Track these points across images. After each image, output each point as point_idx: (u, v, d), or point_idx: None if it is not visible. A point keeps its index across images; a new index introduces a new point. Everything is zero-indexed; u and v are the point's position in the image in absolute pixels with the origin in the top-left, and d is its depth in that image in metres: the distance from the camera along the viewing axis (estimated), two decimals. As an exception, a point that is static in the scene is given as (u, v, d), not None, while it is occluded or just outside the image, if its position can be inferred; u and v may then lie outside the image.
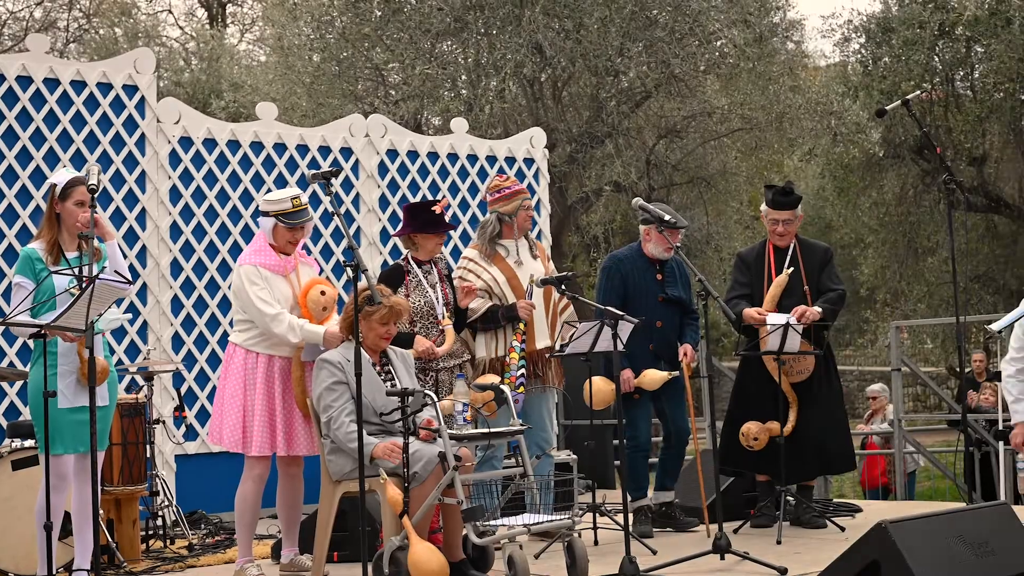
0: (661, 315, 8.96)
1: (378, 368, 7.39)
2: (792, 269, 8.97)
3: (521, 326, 8.65)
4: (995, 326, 7.67)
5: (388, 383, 7.32)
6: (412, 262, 8.37)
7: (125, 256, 9.20)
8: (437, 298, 8.31)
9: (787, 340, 8.53)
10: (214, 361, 10.50)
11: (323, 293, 7.72)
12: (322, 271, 11.00)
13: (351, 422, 6.99)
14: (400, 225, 8.60)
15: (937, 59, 22.21)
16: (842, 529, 8.68)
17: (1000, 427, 7.76)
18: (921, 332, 28.12)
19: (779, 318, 8.60)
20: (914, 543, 5.35)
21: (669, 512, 9.06)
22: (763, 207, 9.20)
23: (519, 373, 8.65)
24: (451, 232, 11.10)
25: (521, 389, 8.66)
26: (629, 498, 8.48)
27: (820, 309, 8.79)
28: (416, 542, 6.71)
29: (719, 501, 7.78)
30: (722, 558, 7.39)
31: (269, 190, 10.63)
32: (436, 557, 6.71)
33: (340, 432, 7.08)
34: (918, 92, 11.19)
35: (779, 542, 8.22)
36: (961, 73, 22.89)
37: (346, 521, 7.83)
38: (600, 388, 8.54)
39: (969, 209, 22.78)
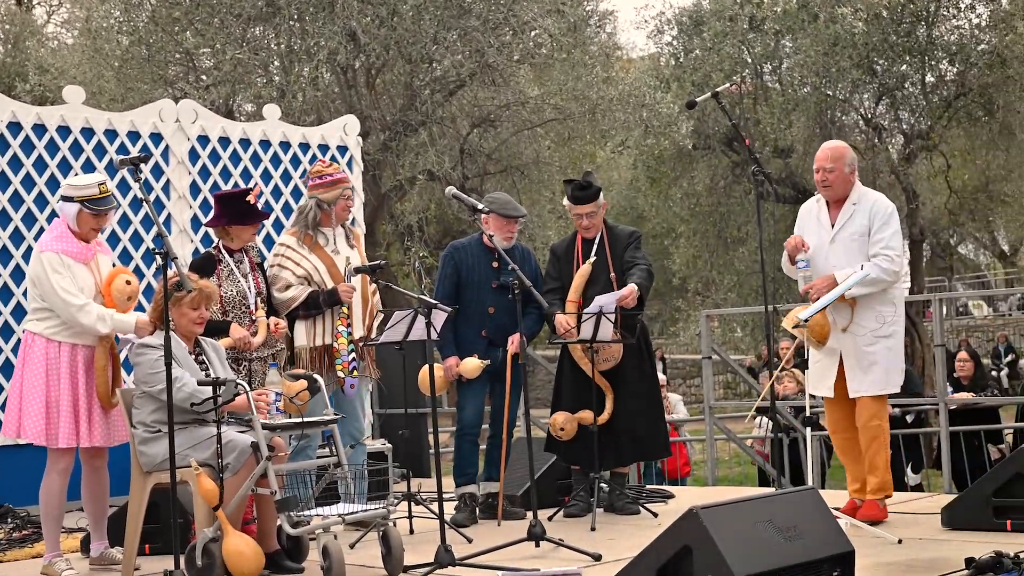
0: (494, 302, 8.96)
1: (193, 356, 7.27)
2: (595, 259, 9.02)
3: (344, 310, 8.60)
4: (803, 315, 7.81)
5: (203, 372, 7.21)
6: (224, 251, 8.28)
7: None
8: (249, 287, 8.23)
9: (599, 329, 8.59)
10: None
11: (128, 283, 7.61)
12: (131, 259, 10.83)
13: (192, 381, 6.88)
14: (212, 215, 8.48)
15: (747, 52, 22.61)
16: (655, 515, 8.77)
17: (807, 413, 7.91)
18: (731, 321, 28.61)
19: (603, 299, 8.62)
20: (725, 528, 5.42)
21: (495, 503, 9.05)
22: (565, 202, 9.26)
23: (350, 358, 8.60)
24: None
25: (355, 373, 8.62)
26: (453, 485, 8.55)
27: (636, 285, 8.82)
28: (231, 533, 6.63)
29: (533, 489, 7.80)
30: (537, 545, 7.42)
31: (76, 175, 10.38)
32: (251, 548, 6.65)
33: (187, 390, 6.89)
34: (728, 84, 11.34)
35: (593, 529, 8.28)
36: (770, 66, 23.35)
37: (158, 513, 7.71)
38: (427, 376, 8.55)
39: (777, 200, 23.25)
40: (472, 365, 8.76)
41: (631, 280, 8.86)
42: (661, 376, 16.87)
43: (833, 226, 8.16)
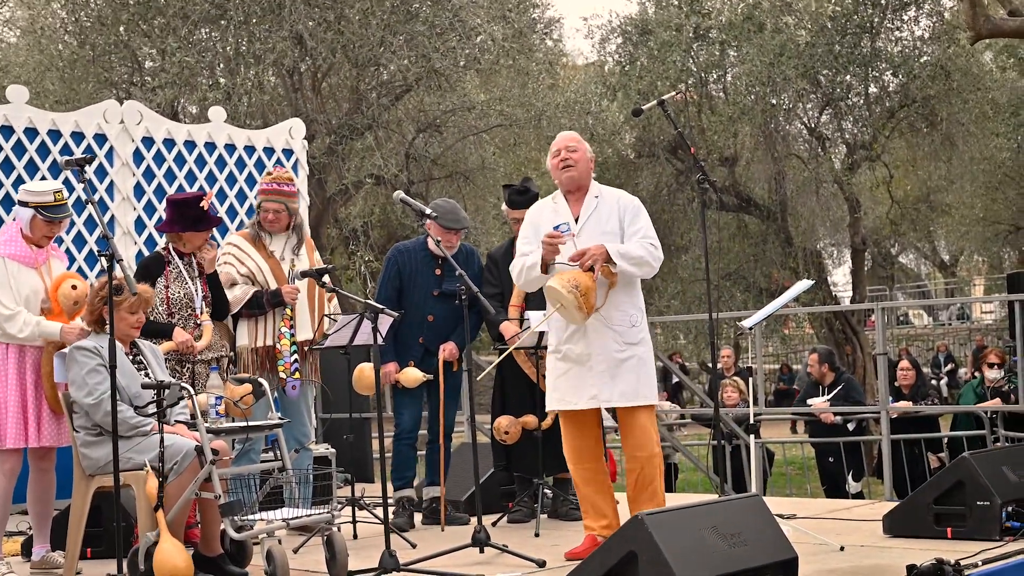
0: (434, 309, 8.95)
1: (130, 357, 7.24)
2: None
3: (288, 311, 8.58)
4: (746, 323, 7.84)
5: (141, 373, 7.17)
6: (173, 253, 8.24)
7: None
8: (196, 290, 8.19)
9: (542, 337, 8.57)
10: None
11: (74, 287, 7.61)
12: (74, 261, 10.75)
13: (121, 403, 6.84)
14: (164, 220, 8.45)
15: (692, 61, 22.71)
16: (599, 521, 8.78)
17: (751, 421, 7.94)
18: (675, 328, 28.71)
19: (537, 315, 8.62)
20: (670, 534, 5.44)
21: (438, 508, 9.03)
22: (504, 207, 9.24)
23: (292, 359, 8.58)
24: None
25: (297, 375, 8.60)
26: (391, 488, 8.51)
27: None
28: (165, 539, 6.56)
29: (478, 494, 7.80)
30: (481, 551, 7.42)
31: (19, 176, 10.31)
32: (181, 555, 6.56)
33: (123, 416, 6.87)
34: (673, 93, 11.38)
35: (537, 535, 8.29)
36: (715, 75, 23.46)
37: (100, 516, 7.65)
38: (363, 375, 8.53)
39: (721, 208, 23.36)
40: (413, 376, 8.74)
41: None
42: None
43: (577, 220, 7.64)
